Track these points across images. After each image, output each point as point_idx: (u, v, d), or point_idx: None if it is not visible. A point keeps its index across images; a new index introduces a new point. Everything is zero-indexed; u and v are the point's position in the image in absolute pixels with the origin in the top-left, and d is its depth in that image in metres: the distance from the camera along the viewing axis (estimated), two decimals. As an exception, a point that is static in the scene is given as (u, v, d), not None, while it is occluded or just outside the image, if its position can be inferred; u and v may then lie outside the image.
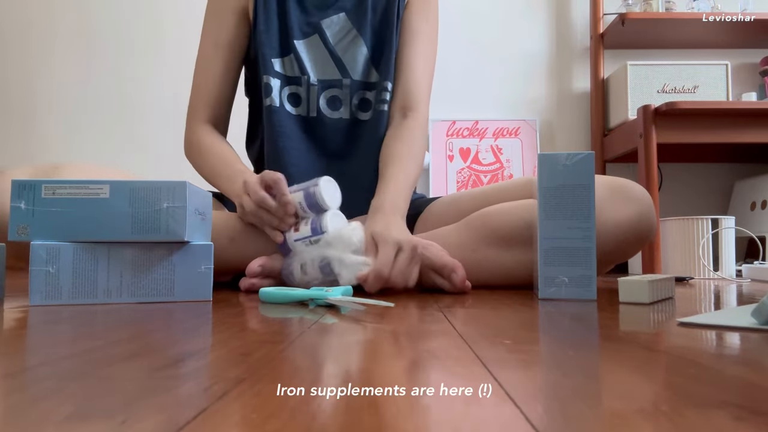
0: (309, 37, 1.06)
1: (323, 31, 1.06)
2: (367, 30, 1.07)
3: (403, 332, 0.45)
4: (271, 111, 1.04)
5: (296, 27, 1.05)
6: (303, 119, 1.07)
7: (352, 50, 1.06)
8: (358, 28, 1.07)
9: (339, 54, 1.06)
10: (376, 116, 1.07)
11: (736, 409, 0.23)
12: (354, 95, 1.07)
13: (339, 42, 1.06)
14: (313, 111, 1.06)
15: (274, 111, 1.04)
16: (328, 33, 1.06)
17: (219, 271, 0.90)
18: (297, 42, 1.05)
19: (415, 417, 0.22)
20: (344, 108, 1.07)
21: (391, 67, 1.07)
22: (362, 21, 1.07)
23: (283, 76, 1.06)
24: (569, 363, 0.33)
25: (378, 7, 1.08)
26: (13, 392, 0.26)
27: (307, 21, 1.06)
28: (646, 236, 0.87)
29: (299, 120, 1.06)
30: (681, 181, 2.03)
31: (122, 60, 2.00)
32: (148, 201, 0.67)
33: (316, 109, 1.06)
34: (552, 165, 0.74)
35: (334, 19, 1.06)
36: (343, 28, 1.07)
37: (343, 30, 1.07)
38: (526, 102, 2.02)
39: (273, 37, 1.05)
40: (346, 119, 1.07)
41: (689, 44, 2.00)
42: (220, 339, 0.41)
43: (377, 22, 1.08)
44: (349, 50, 1.06)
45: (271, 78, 1.05)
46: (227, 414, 0.23)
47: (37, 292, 0.64)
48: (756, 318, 0.48)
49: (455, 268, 0.81)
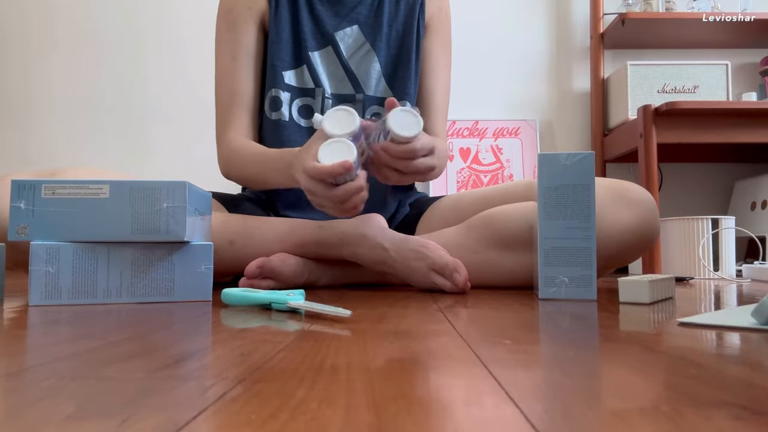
0: (323, 48, 1.05)
1: (337, 43, 1.05)
2: (381, 45, 1.06)
3: (403, 332, 0.45)
4: (280, 125, 1.02)
5: (310, 37, 1.04)
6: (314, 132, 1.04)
7: (365, 64, 1.05)
8: (372, 42, 1.06)
9: (352, 68, 1.05)
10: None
11: (736, 409, 0.23)
12: (367, 111, 1.06)
13: (352, 55, 1.05)
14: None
15: (282, 125, 1.02)
16: (342, 46, 1.05)
17: (219, 272, 0.90)
18: (312, 53, 1.04)
19: (415, 417, 0.22)
20: None
21: (408, 88, 1.06)
22: (376, 35, 1.06)
23: (294, 88, 1.04)
24: (569, 363, 0.33)
25: (395, 23, 1.07)
26: (13, 392, 0.26)
27: (320, 31, 1.05)
28: (649, 241, 0.86)
29: (310, 133, 1.03)
30: (681, 181, 2.03)
31: (122, 62, 2.00)
32: (148, 201, 0.67)
33: None
34: (552, 165, 0.74)
35: (348, 32, 1.05)
36: (356, 41, 1.05)
37: (357, 43, 1.06)
38: (526, 102, 2.02)
39: (285, 48, 1.03)
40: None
41: (689, 44, 2.00)
42: (220, 339, 0.41)
43: (392, 38, 1.07)
44: (363, 64, 1.05)
45: (280, 91, 1.03)
46: (227, 414, 0.23)
47: (36, 292, 0.64)
48: (756, 318, 0.48)
49: (457, 267, 0.81)
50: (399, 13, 1.08)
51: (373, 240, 0.87)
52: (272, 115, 1.03)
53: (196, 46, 1.98)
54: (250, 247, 0.89)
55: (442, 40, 1.12)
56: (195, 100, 1.96)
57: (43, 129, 1.99)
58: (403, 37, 1.07)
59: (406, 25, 1.07)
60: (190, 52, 2.00)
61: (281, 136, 1.02)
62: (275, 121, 1.03)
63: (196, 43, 1.99)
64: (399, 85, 1.06)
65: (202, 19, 1.98)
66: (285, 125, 1.02)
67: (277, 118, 1.02)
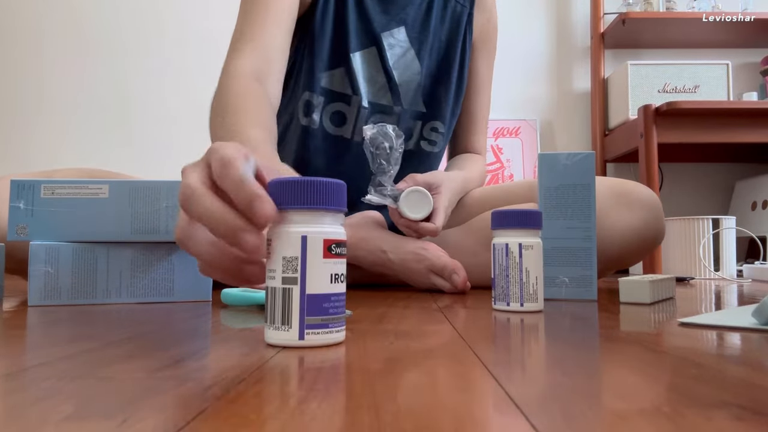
0: (367, 49, 0.95)
1: (382, 45, 0.95)
2: (425, 55, 0.98)
3: (403, 332, 0.44)
4: (308, 132, 0.94)
5: (354, 36, 0.94)
6: (343, 141, 0.96)
7: (408, 74, 0.98)
8: (417, 49, 0.98)
9: (395, 76, 0.96)
10: (420, 153, 1.02)
11: (737, 410, 0.23)
12: (400, 124, 0.98)
13: (397, 61, 0.97)
14: (358, 135, 0.95)
15: (311, 132, 0.94)
16: (388, 49, 0.96)
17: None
18: (353, 54, 0.94)
19: (415, 417, 0.22)
20: None
21: (443, 108, 1.00)
22: (423, 42, 0.98)
23: (328, 91, 0.94)
24: (569, 363, 0.33)
25: (440, 32, 1.00)
26: (12, 392, 0.26)
27: (366, 30, 0.95)
28: (652, 244, 0.84)
29: (339, 141, 0.96)
30: (682, 181, 2.03)
31: (117, 61, 2.00)
32: (148, 201, 0.67)
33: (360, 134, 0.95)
34: (552, 165, 0.74)
35: (395, 33, 0.96)
36: (402, 47, 0.97)
37: (402, 49, 0.97)
38: (526, 102, 2.02)
39: (325, 46, 0.93)
40: None
41: (690, 44, 2.00)
42: (220, 339, 0.41)
43: (435, 48, 1.00)
44: (406, 74, 0.97)
45: (314, 95, 0.93)
46: (227, 414, 0.22)
47: (36, 292, 0.64)
48: (757, 318, 0.48)
49: (456, 269, 0.81)
50: (446, 20, 1.00)
51: (372, 242, 0.87)
52: (302, 120, 0.94)
53: (197, 46, 1.98)
54: None
55: (489, 55, 1.07)
56: (195, 100, 1.96)
57: (43, 129, 1.99)
58: (447, 49, 1.00)
59: (451, 35, 1.00)
60: (191, 51, 1.99)
61: (306, 141, 0.95)
62: (304, 127, 0.94)
63: (196, 42, 1.99)
64: (435, 102, 1.00)
65: (202, 17, 1.98)
66: (313, 132, 0.94)
67: (307, 124, 0.94)
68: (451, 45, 1.01)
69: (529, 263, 0.59)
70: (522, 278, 0.58)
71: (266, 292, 0.38)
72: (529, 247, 0.59)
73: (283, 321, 0.36)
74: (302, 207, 0.37)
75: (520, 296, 0.58)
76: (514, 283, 0.59)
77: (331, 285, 0.37)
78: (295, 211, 0.37)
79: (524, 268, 0.58)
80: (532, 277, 0.59)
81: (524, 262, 0.58)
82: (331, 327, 0.37)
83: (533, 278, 0.59)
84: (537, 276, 0.59)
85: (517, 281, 0.59)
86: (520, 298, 0.59)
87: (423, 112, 1.00)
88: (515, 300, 0.59)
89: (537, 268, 0.59)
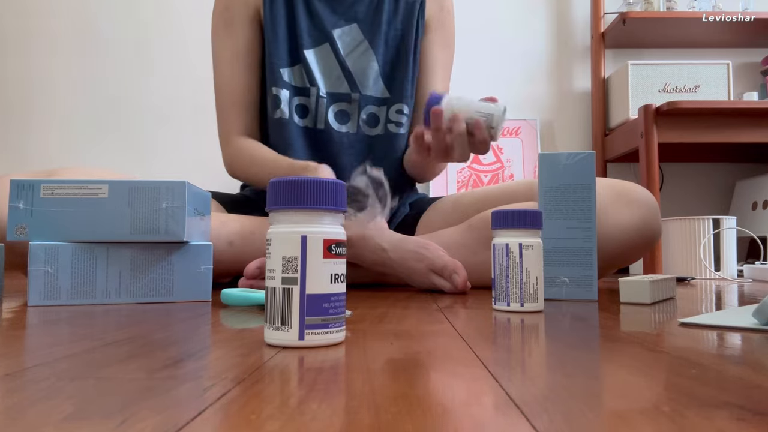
0: (319, 46, 1.04)
1: (334, 41, 1.04)
2: (380, 44, 1.05)
3: (403, 332, 0.44)
4: (282, 123, 1.02)
5: (306, 35, 1.03)
6: (310, 131, 1.04)
7: (362, 63, 1.05)
8: (371, 40, 1.05)
9: (349, 66, 1.04)
10: (388, 136, 1.06)
11: (737, 410, 0.23)
12: (362, 110, 1.05)
13: (350, 53, 1.05)
14: (321, 123, 1.04)
15: (284, 124, 1.02)
16: (339, 43, 1.04)
17: (218, 273, 0.90)
18: (307, 51, 1.03)
19: (415, 417, 0.22)
20: (351, 122, 1.05)
21: (405, 90, 1.06)
22: (375, 33, 1.05)
23: (291, 86, 1.03)
24: (570, 363, 0.33)
25: (393, 22, 1.07)
26: (12, 392, 0.26)
27: (317, 28, 1.04)
28: (651, 241, 0.86)
29: (306, 132, 1.04)
30: (682, 180, 2.03)
31: (122, 62, 2.00)
32: (147, 201, 0.67)
33: (323, 122, 1.04)
34: (553, 165, 0.74)
35: (346, 30, 1.04)
36: (354, 39, 1.05)
37: (355, 41, 1.05)
38: (526, 101, 2.02)
39: (281, 45, 1.03)
40: (353, 134, 1.06)
41: (690, 44, 1.99)
42: (220, 339, 0.41)
43: (391, 37, 1.07)
44: (360, 63, 1.05)
45: (280, 90, 1.02)
46: (227, 414, 0.22)
47: (35, 293, 0.64)
48: (757, 318, 0.48)
49: (456, 268, 0.81)
50: (398, 12, 1.07)
51: (372, 241, 0.87)
52: (275, 113, 1.03)
53: (196, 45, 1.98)
54: (249, 247, 0.89)
55: (442, 39, 1.11)
56: (195, 100, 1.96)
57: (43, 129, 1.99)
58: (402, 37, 1.07)
59: (405, 24, 1.07)
60: (190, 51, 1.99)
61: (285, 134, 1.02)
62: (278, 120, 1.03)
63: (196, 42, 1.99)
64: (397, 85, 1.06)
65: (203, 17, 1.98)
66: (286, 124, 1.02)
67: (279, 116, 1.02)
68: (407, 33, 1.07)
69: (529, 263, 0.59)
70: (522, 278, 0.58)
71: (266, 292, 0.38)
72: (530, 247, 0.59)
73: (282, 321, 0.36)
74: (302, 207, 0.37)
75: (521, 296, 0.58)
76: (515, 283, 0.59)
77: (331, 285, 0.37)
78: (295, 211, 0.37)
79: (524, 268, 0.58)
80: (533, 277, 0.59)
81: (524, 262, 0.58)
82: (331, 327, 0.37)
83: (533, 278, 0.59)
84: (537, 276, 0.59)
85: (517, 281, 0.59)
86: (520, 298, 0.58)
87: (387, 98, 1.06)
88: (515, 300, 0.59)
89: (537, 268, 0.59)
